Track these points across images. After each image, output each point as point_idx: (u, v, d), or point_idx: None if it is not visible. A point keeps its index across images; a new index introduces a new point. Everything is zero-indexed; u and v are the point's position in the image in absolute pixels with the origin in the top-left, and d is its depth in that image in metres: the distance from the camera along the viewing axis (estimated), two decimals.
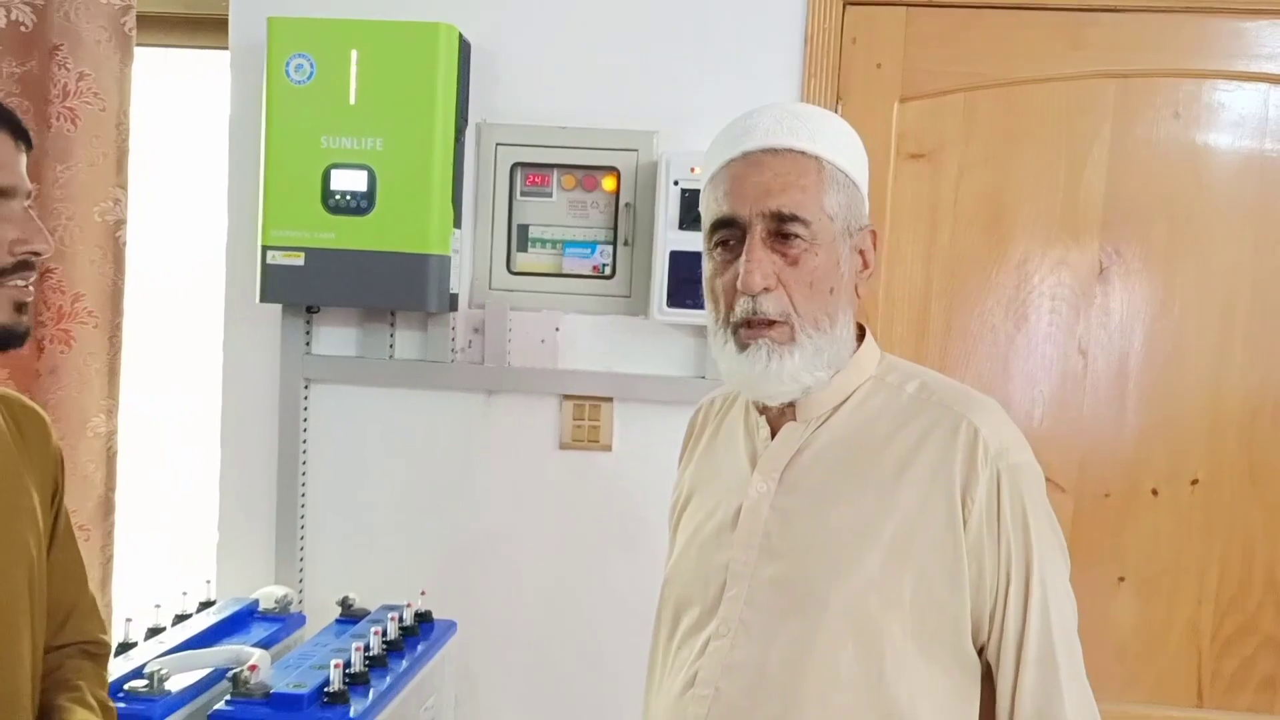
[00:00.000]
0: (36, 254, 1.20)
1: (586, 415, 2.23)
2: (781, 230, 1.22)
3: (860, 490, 1.25)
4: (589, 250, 2.23)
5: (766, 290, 1.21)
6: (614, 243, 2.22)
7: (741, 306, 1.22)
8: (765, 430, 1.33)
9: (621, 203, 2.21)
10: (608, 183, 2.22)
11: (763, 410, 1.33)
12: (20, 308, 1.21)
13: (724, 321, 1.26)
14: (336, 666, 1.71)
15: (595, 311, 2.23)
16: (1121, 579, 2.19)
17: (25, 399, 1.42)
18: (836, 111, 2.18)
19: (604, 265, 2.23)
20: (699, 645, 1.29)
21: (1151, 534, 2.18)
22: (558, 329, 2.23)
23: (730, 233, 1.24)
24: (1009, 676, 1.24)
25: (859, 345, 1.32)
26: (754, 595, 1.26)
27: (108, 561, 2.29)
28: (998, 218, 2.19)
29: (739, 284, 1.21)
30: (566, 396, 2.24)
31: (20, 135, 1.21)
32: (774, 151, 1.23)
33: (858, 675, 1.22)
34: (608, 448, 2.24)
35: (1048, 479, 2.15)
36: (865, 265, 1.30)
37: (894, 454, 1.26)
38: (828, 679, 1.22)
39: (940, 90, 2.18)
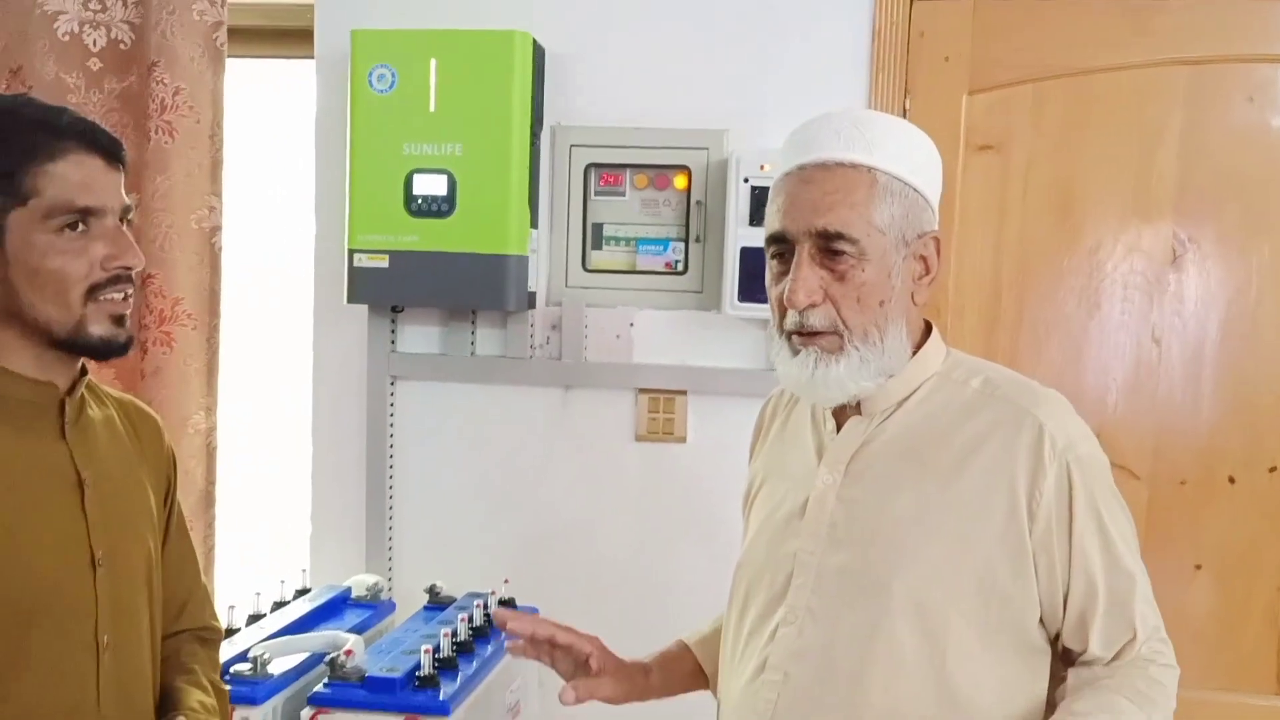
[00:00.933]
0: (128, 268, 1.26)
1: (661, 408, 2.29)
2: (829, 247, 1.24)
3: (922, 481, 1.29)
4: (662, 247, 2.29)
5: (812, 306, 1.25)
6: (686, 239, 2.28)
7: (791, 319, 1.27)
8: (831, 424, 1.37)
9: (693, 200, 2.26)
10: (679, 181, 2.27)
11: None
12: (118, 320, 1.27)
13: (779, 328, 1.31)
14: (427, 652, 1.80)
15: (668, 307, 2.29)
16: (1198, 566, 2.19)
17: (139, 402, 1.51)
18: (905, 106, 2.21)
19: (676, 262, 2.28)
20: (769, 632, 1.34)
21: (1228, 521, 2.18)
22: (632, 324, 2.29)
23: (783, 247, 1.28)
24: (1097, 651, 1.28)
25: (924, 342, 1.35)
26: (820, 583, 1.31)
27: (209, 552, 2.41)
28: (1068, 207, 2.19)
29: (784, 299, 1.26)
30: (641, 390, 2.30)
31: (113, 157, 1.27)
32: (825, 167, 1.26)
33: (920, 661, 1.25)
34: (682, 439, 2.29)
35: (1122, 466, 2.17)
36: (927, 271, 1.32)
37: (957, 447, 1.29)
38: (891, 665, 1.26)
39: (1008, 81, 2.20)
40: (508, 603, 2.17)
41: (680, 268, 2.28)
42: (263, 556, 2.57)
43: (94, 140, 1.24)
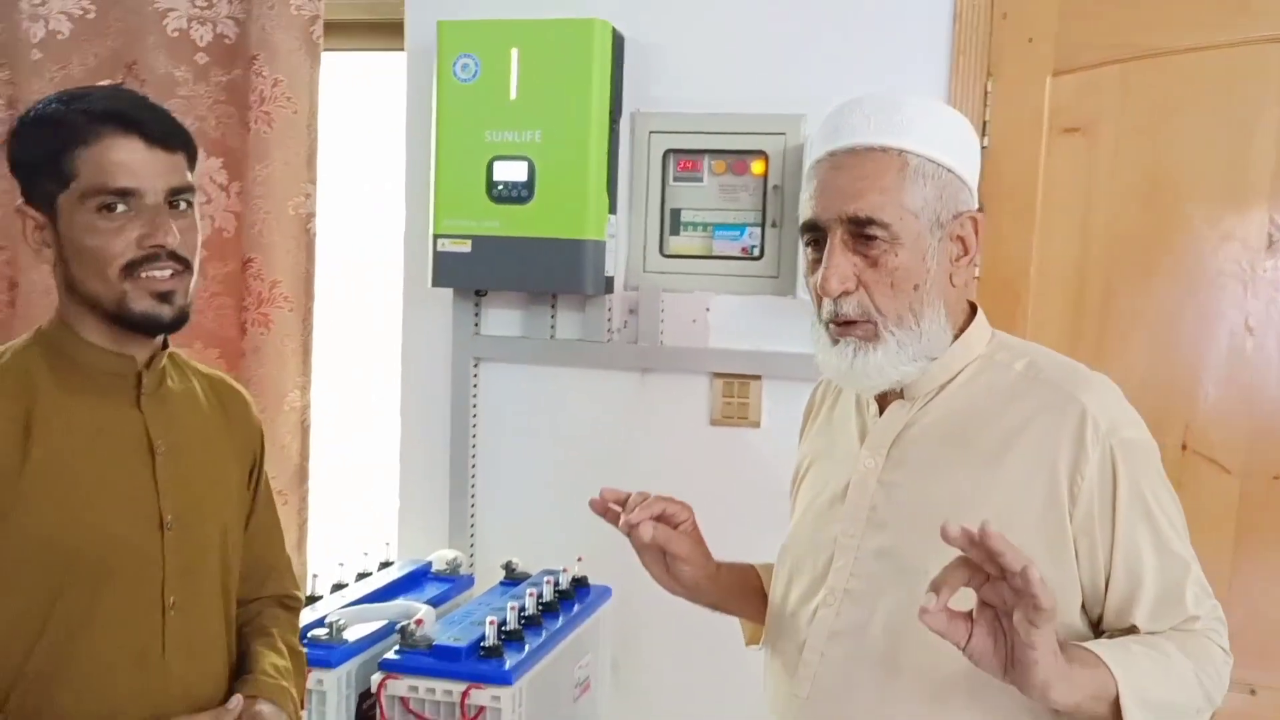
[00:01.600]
0: (160, 246, 1.30)
1: (736, 393, 2.31)
2: (861, 233, 1.24)
3: (963, 465, 1.28)
4: (738, 232, 2.30)
5: (846, 293, 1.25)
6: (762, 224, 2.28)
7: (826, 308, 1.28)
8: (874, 407, 1.37)
9: (770, 185, 2.27)
10: (756, 166, 2.28)
11: None
12: (162, 297, 1.32)
13: (818, 316, 1.31)
14: (491, 623, 1.86)
15: (744, 292, 2.30)
16: None
17: (229, 378, 1.59)
18: (986, 89, 2.17)
19: (752, 247, 2.29)
20: (809, 613, 1.35)
21: None
22: (708, 309, 2.31)
23: (817, 235, 1.28)
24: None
25: (968, 324, 1.34)
26: (859, 566, 1.32)
27: (303, 525, 2.52)
28: (1158, 192, 2.13)
29: (818, 287, 1.27)
30: (716, 374, 2.31)
31: (156, 140, 1.31)
32: (855, 152, 1.26)
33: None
34: (756, 424, 2.30)
35: (1212, 460, 2.10)
36: (965, 251, 1.30)
37: (999, 430, 1.28)
38: (926, 647, 1.25)
39: (1095, 62, 2.14)
40: (580, 580, 2.22)
41: (756, 253, 2.29)
42: (355, 530, 2.67)
43: (132, 123, 1.29)
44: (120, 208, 1.29)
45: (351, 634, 1.90)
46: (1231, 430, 2.12)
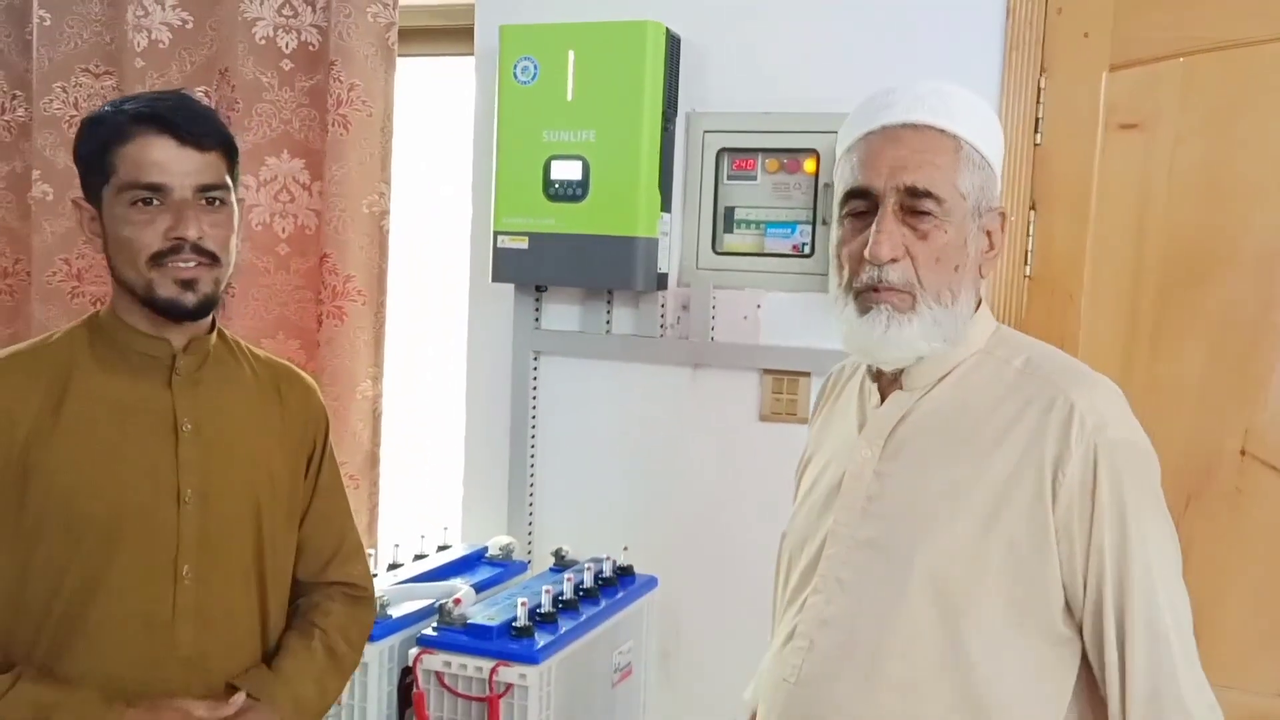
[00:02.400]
0: (182, 239, 1.39)
1: (785, 389, 2.33)
2: (914, 206, 1.26)
3: (955, 458, 1.29)
4: (789, 230, 2.32)
5: (894, 261, 1.27)
6: (813, 222, 2.30)
7: (867, 274, 1.28)
8: (875, 398, 1.39)
9: (821, 183, 2.28)
10: (808, 164, 2.30)
11: (876, 378, 1.39)
12: (185, 285, 1.41)
13: (846, 286, 1.32)
14: (523, 605, 1.93)
15: (795, 289, 2.32)
16: None
17: (293, 366, 1.66)
18: (1040, 85, 2.14)
19: (803, 244, 2.31)
20: (801, 601, 1.38)
21: None
22: (759, 306, 2.34)
23: (863, 203, 1.30)
24: (1114, 656, 1.23)
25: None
26: (850, 555, 1.34)
27: (374, 509, 2.64)
28: (1218, 190, 2.06)
29: (867, 253, 1.27)
30: (766, 371, 2.34)
31: (188, 138, 1.40)
32: (913, 127, 1.28)
33: (939, 636, 1.26)
34: (805, 420, 2.31)
35: (1272, 465, 2.03)
36: (991, 246, 1.34)
37: (993, 425, 1.29)
38: (909, 637, 1.27)
39: (1154, 56, 2.09)
40: (625, 569, 2.27)
41: (807, 250, 2.31)
42: (423, 515, 2.78)
43: (165, 124, 1.40)
44: (155, 202, 1.40)
45: (396, 611, 1.99)
46: None
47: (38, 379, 1.42)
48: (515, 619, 1.92)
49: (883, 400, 1.38)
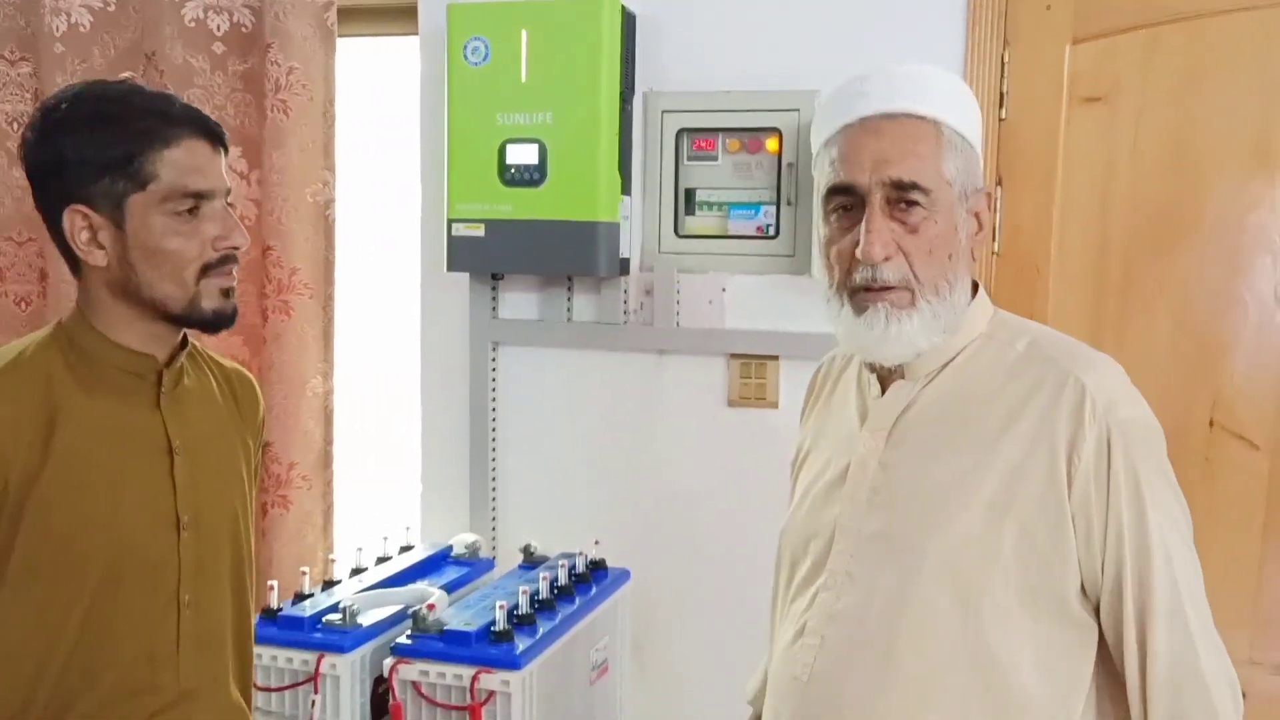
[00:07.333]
0: (235, 248, 1.33)
1: (753, 373, 2.29)
2: (901, 198, 1.23)
3: (963, 445, 1.27)
4: (753, 211, 2.27)
5: (887, 259, 1.23)
6: (777, 203, 2.25)
7: (861, 273, 1.24)
8: (876, 388, 1.35)
9: (784, 163, 2.24)
10: (770, 144, 2.25)
11: (874, 368, 1.35)
12: (226, 293, 1.35)
13: (840, 286, 1.28)
14: (501, 608, 1.86)
15: (760, 271, 2.27)
16: None
17: (238, 365, 1.58)
18: (1003, 58, 2.12)
19: (768, 226, 2.26)
20: (809, 597, 1.34)
21: None
22: (724, 289, 2.29)
23: (848, 199, 1.26)
24: (1133, 635, 1.22)
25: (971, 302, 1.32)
26: (858, 548, 1.30)
27: (328, 509, 2.55)
28: (1182, 161, 2.07)
29: (859, 254, 1.23)
30: (733, 355, 2.30)
31: (217, 140, 1.34)
32: (891, 117, 1.24)
33: (954, 626, 1.23)
34: (774, 405, 2.28)
35: (1241, 436, 2.05)
36: (980, 228, 1.31)
37: (999, 410, 1.26)
38: (924, 629, 1.24)
39: (1117, 28, 2.08)
40: (597, 564, 2.22)
41: (772, 231, 2.26)
42: (380, 514, 2.69)
43: (203, 126, 1.31)
44: (201, 210, 1.31)
45: (366, 619, 1.92)
46: (1260, 405, 2.06)
47: (21, 406, 1.28)
48: (494, 623, 1.85)
49: (884, 390, 1.34)
